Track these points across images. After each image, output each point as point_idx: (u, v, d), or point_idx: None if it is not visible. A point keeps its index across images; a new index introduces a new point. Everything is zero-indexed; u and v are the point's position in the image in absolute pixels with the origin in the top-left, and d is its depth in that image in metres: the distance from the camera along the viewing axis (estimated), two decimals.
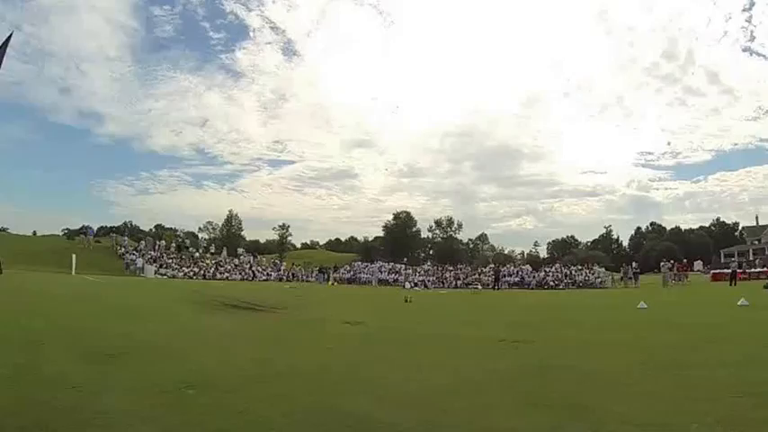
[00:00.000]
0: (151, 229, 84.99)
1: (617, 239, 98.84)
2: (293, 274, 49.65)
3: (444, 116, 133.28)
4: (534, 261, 67.10)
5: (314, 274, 50.05)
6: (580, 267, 45.38)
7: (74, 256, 29.70)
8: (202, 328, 11.05)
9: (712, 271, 44.57)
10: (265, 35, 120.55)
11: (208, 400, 5.24)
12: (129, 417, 4.55)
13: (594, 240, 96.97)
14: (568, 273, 44.10)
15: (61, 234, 64.10)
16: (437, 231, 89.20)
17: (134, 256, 40.99)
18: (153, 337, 8.89)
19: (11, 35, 4.46)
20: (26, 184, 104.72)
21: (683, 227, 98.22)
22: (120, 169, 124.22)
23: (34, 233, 62.35)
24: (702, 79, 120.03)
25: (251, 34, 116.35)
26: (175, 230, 79.99)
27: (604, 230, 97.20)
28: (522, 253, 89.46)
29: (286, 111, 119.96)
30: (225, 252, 52.78)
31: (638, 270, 41.11)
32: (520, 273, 45.79)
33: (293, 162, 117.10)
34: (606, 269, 47.99)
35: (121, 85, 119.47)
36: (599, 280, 42.08)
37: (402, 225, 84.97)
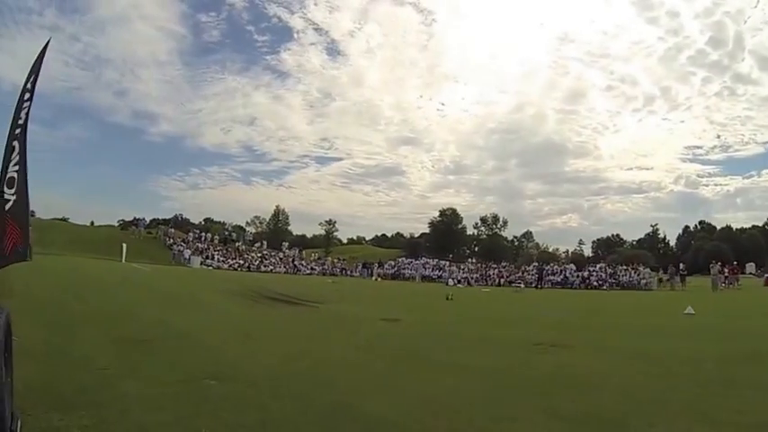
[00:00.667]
0: (201, 222, 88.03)
1: (663, 238, 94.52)
2: (338, 269, 50.17)
3: (489, 113, 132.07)
4: (578, 260, 65.36)
5: (358, 269, 50.56)
6: (625, 268, 43.82)
7: (124, 245, 31.12)
8: (237, 319, 11.24)
9: (766, 275, 42.46)
10: (309, 36, 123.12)
11: (227, 393, 5.26)
12: (145, 402, 4.62)
13: (640, 239, 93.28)
14: (613, 273, 42.81)
15: (116, 224, 67.28)
16: (482, 228, 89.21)
17: (181, 247, 42.53)
18: (186, 326, 9.08)
19: (48, 42, 4.59)
20: (86, 179, 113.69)
21: (735, 226, 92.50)
22: (172, 165, 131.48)
23: (92, 223, 66.06)
24: (753, 66, 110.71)
25: (295, 36, 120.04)
26: (224, 224, 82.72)
27: (650, 229, 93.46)
28: (567, 251, 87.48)
29: (332, 109, 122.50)
30: (264, 244, 53.83)
31: (686, 272, 39.37)
32: (563, 272, 44.87)
33: (340, 159, 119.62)
34: (652, 270, 45.89)
35: (172, 87, 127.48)
36: (644, 281, 40.48)
37: (448, 222, 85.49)
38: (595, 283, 40.77)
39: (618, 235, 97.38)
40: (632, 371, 6.90)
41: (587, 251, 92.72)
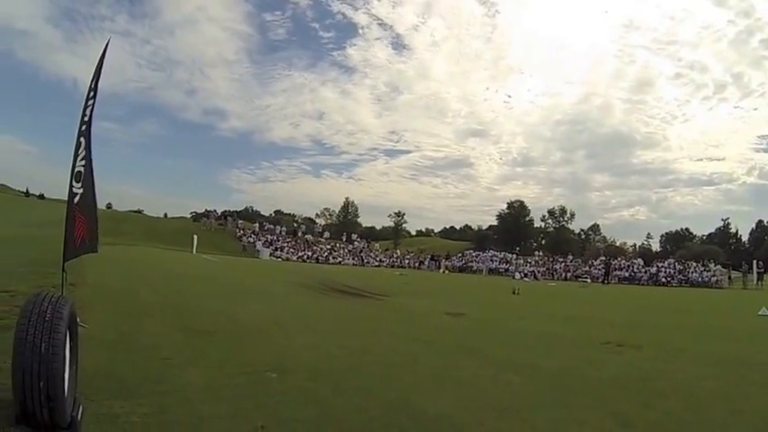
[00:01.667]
0: (271, 214, 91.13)
1: (735, 233, 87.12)
2: (405, 261, 50.48)
3: (556, 104, 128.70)
4: (646, 254, 62.67)
5: (426, 262, 51.04)
6: (695, 264, 41.47)
7: (195, 236, 32.68)
8: (303, 311, 11.42)
9: None
10: (373, 31, 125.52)
11: (287, 386, 5.29)
12: (206, 393, 4.73)
13: (710, 234, 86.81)
14: (682, 269, 40.78)
15: (189, 216, 71.06)
16: (549, 221, 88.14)
17: (251, 239, 44.15)
18: (252, 318, 9.30)
19: (108, 43, 4.76)
20: (160, 173, 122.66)
21: None
22: (243, 159, 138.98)
23: (165, 215, 70.27)
24: None
25: (360, 31, 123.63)
26: (293, 216, 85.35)
27: (721, 223, 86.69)
28: (634, 245, 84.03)
29: (400, 102, 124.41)
30: (341, 238, 54.76)
31: (763, 269, 36.66)
32: (631, 267, 43.67)
33: (409, 152, 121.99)
34: (723, 266, 42.89)
35: (241, 85, 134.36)
36: (714, 279, 38.32)
37: (515, 214, 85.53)
38: (664, 280, 39.65)
39: (687, 229, 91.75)
40: (703, 377, 6.50)
41: (655, 245, 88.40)
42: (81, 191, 4.37)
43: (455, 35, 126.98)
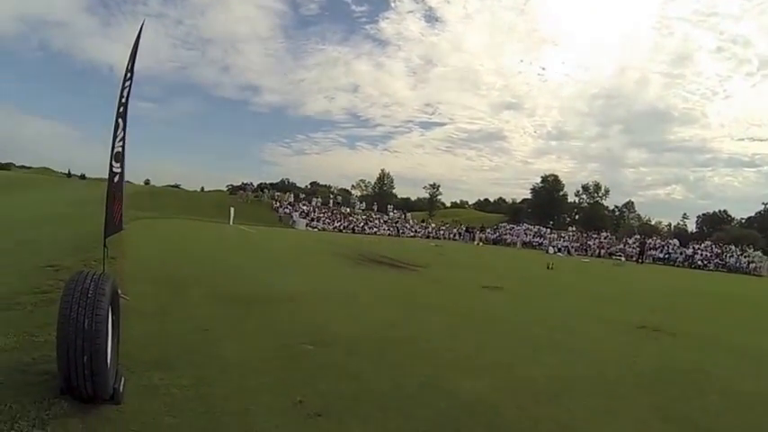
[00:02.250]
0: (307, 186, 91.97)
1: None
2: (440, 233, 50.48)
3: (592, 78, 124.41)
4: (681, 235, 60.93)
5: (460, 234, 51.07)
6: (733, 248, 39.89)
7: (231, 208, 33.18)
8: (340, 282, 11.49)
9: None
10: (406, 4, 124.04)
11: (324, 359, 5.33)
12: (244, 365, 4.80)
13: (750, 218, 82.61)
14: (720, 253, 39.33)
15: (225, 189, 72.21)
16: (584, 196, 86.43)
17: (287, 210, 44.67)
18: (289, 289, 9.39)
19: (143, 24, 4.75)
20: (196, 148, 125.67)
21: None
22: (278, 133, 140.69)
23: (202, 189, 71.69)
24: None
25: (392, 4, 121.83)
26: (329, 187, 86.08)
27: (762, 207, 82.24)
28: (669, 225, 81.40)
29: (434, 75, 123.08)
30: (373, 206, 55.04)
31: None
32: (666, 248, 42.37)
33: (444, 124, 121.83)
34: (763, 253, 41.13)
35: (275, 60, 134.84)
36: (753, 265, 36.62)
37: (549, 188, 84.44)
38: (700, 263, 38.43)
39: (725, 211, 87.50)
40: (740, 371, 6.40)
41: (691, 226, 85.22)
42: (120, 170, 4.43)
43: (488, 7, 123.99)
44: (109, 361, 3.50)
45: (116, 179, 4.41)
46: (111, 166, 4.31)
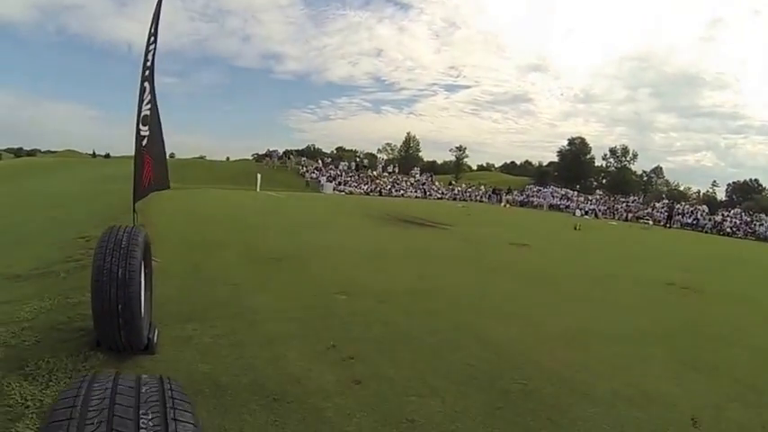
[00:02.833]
0: (333, 152, 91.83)
1: None
2: (467, 195, 50.19)
3: (621, 40, 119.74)
4: (711, 203, 59.14)
5: (487, 195, 50.73)
6: (763, 217, 38.54)
7: (258, 175, 33.30)
8: (370, 240, 11.52)
9: None
10: None
11: (356, 308, 5.37)
12: (275, 315, 4.86)
13: None
14: (749, 221, 38.02)
15: (251, 158, 72.52)
16: (611, 160, 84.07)
17: (314, 174, 44.78)
18: (319, 246, 9.47)
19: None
20: (220, 119, 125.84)
21: None
22: (302, 99, 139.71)
23: (227, 159, 72.08)
24: None
25: None
26: (355, 152, 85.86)
27: None
28: (698, 192, 78.43)
29: (458, 38, 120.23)
30: (396, 169, 54.83)
31: None
32: (695, 213, 41.25)
33: (469, 87, 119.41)
34: None
35: (296, 28, 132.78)
36: None
37: (576, 151, 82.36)
38: (729, 230, 36.99)
39: (757, 180, 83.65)
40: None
41: (720, 194, 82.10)
42: (148, 133, 4.47)
43: None
44: (143, 311, 3.54)
45: (144, 142, 4.44)
46: (138, 129, 4.34)
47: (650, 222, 39.18)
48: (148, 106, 4.52)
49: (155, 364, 3.45)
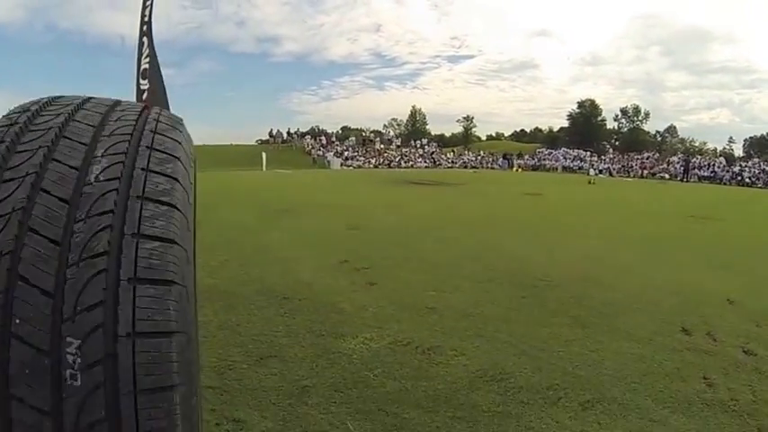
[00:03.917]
0: (338, 131, 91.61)
1: None
2: (478, 161, 49.82)
3: None
4: (728, 158, 58.82)
5: (498, 161, 50.25)
6: None
7: (263, 154, 33.07)
8: (382, 195, 11.48)
9: None
10: None
11: (369, 238, 5.41)
12: (284, 245, 4.90)
13: None
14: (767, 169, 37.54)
15: (255, 143, 72.67)
16: (623, 121, 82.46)
17: (321, 152, 44.62)
18: (329, 200, 9.47)
19: None
20: (221, 107, 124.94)
21: None
22: (303, 81, 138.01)
23: (231, 144, 72.15)
24: None
25: None
26: (361, 130, 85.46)
27: None
28: (715, 150, 77.28)
29: (458, 6, 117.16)
30: (398, 141, 54.60)
31: None
32: (712, 165, 40.44)
33: (472, 56, 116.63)
34: None
35: (291, 8, 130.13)
36: None
37: (587, 114, 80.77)
38: (748, 180, 36.30)
39: None
40: None
41: (738, 150, 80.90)
42: (147, 86, 4.50)
43: None
44: None
45: (144, 95, 4.51)
46: (138, 84, 4.38)
47: (667, 177, 38.67)
48: (147, 59, 4.55)
49: None
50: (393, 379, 2.14)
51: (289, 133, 55.38)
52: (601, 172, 40.79)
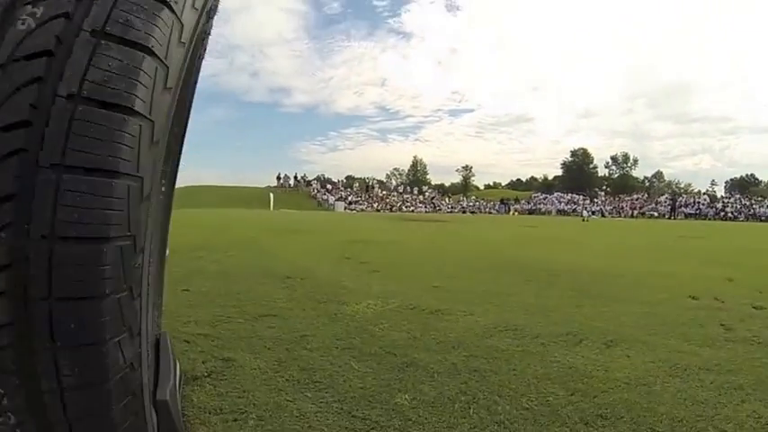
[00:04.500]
0: (342, 180, 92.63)
1: None
2: (476, 206, 50.26)
3: (615, 55, 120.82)
4: (711, 198, 60.96)
5: (496, 206, 50.71)
6: (761, 198, 39.03)
7: (270, 194, 33.40)
8: (382, 225, 11.41)
9: None
10: None
11: (370, 248, 5.30)
12: (291, 250, 4.72)
13: None
14: (749, 204, 38.41)
15: (263, 187, 73.36)
16: (613, 167, 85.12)
17: (325, 196, 44.90)
18: (331, 227, 9.38)
19: None
20: (231, 153, 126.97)
21: None
22: (311, 131, 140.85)
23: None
24: None
25: None
26: (365, 179, 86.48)
27: None
28: (699, 192, 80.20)
29: (459, 63, 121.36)
30: (400, 189, 54.86)
31: None
32: (697, 203, 41.70)
33: (472, 110, 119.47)
34: None
35: (302, 61, 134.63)
36: None
37: (579, 162, 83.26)
38: (731, 215, 37.33)
39: (753, 175, 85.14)
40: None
41: (720, 192, 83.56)
42: None
43: None
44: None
45: None
46: None
47: (655, 214, 39.72)
48: None
49: None
50: (400, 331, 1.99)
51: (296, 178, 55.98)
52: (593, 213, 41.59)
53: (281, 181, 52.42)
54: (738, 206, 39.73)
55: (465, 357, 1.71)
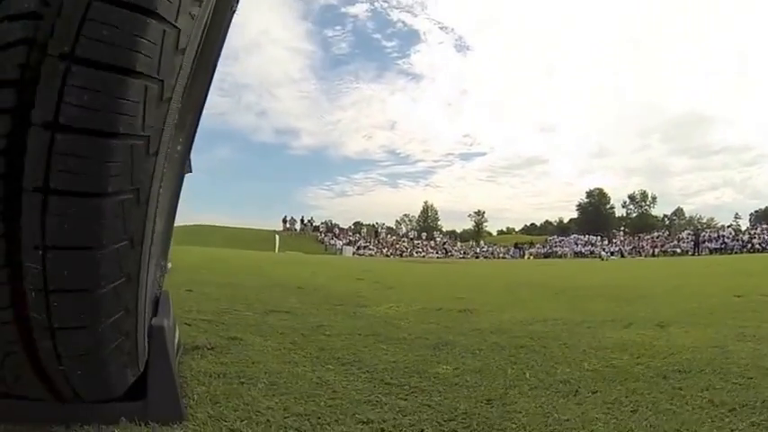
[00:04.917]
0: (350, 226, 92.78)
1: None
2: (489, 252, 49.57)
3: (626, 89, 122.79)
4: (736, 231, 59.40)
5: (510, 251, 49.85)
6: None
7: (276, 236, 33.14)
8: (391, 263, 11.27)
9: None
10: (435, 36, 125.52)
11: (378, 278, 5.13)
12: (299, 277, 4.54)
13: None
14: None
15: (269, 230, 73.58)
16: (631, 207, 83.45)
17: (333, 241, 44.65)
18: (342, 265, 9.23)
19: None
20: (237, 196, 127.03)
21: None
22: (318, 175, 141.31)
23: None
24: None
25: (422, 37, 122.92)
26: (374, 225, 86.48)
27: None
28: (722, 226, 78.99)
29: (470, 104, 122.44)
30: (411, 235, 54.61)
31: None
32: (722, 237, 40.27)
33: (484, 154, 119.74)
34: None
35: (310, 102, 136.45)
36: None
37: (596, 203, 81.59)
38: (758, 247, 36.49)
39: None
40: None
41: (744, 225, 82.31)
42: None
43: (518, 32, 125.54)
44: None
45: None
46: None
47: (678, 251, 38.54)
48: None
49: None
50: (428, 323, 1.85)
51: (302, 222, 56.02)
52: (612, 254, 40.34)
53: (288, 224, 52.35)
54: (766, 236, 38.80)
55: (508, 338, 1.58)
